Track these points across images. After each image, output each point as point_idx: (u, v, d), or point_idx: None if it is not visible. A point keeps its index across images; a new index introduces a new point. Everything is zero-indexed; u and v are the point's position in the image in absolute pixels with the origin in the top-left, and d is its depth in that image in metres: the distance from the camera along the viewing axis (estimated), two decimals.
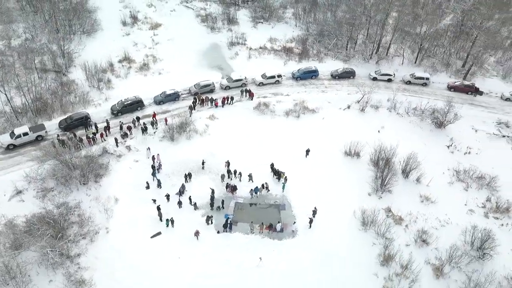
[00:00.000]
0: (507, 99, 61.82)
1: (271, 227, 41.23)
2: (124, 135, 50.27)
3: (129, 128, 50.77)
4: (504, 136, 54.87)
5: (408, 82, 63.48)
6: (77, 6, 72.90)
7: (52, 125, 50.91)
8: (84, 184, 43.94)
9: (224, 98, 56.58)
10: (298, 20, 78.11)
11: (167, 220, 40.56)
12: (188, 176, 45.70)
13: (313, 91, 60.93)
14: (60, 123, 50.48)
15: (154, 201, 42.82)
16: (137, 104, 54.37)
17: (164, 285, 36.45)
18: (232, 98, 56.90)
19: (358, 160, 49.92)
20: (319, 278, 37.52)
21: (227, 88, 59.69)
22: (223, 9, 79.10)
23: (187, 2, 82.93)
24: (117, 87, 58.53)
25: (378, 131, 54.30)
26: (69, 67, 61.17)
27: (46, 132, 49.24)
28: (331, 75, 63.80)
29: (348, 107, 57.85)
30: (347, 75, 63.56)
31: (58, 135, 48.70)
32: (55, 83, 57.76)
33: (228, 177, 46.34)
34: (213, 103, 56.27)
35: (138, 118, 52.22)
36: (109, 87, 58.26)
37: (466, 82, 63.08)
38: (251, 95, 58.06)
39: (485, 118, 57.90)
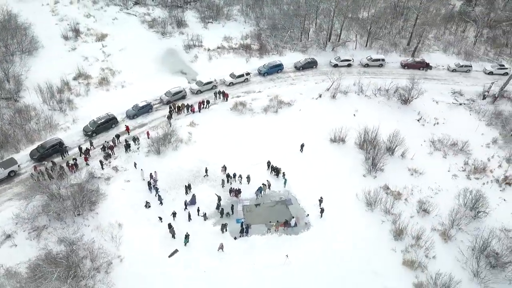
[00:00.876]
0: (454, 70, 67.69)
1: (286, 223, 41.52)
2: (107, 156, 47.16)
3: (111, 147, 47.76)
4: (461, 104, 60.20)
5: (366, 65, 66.86)
6: (7, 23, 66.23)
7: (21, 158, 46.24)
8: (79, 215, 40.66)
9: (200, 103, 55.32)
10: (246, 17, 78.16)
11: (185, 236, 39.02)
12: (188, 187, 44.26)
13: (282, 85, 61.74)
14: (32, 154, 45.98)
15: (161, 219, 41.04)
16: (111, 122, 51.22)
17: None
18: (208, 102, 55.79)
19: (344, 145, 51.81)
20: (342, 263, 38.61)
21: (198, 92, 58.34)
22: (168, 13, 76.66)
23: (127, 9, 79.00)
24: (81, 106, 54.47)
25: (354, 114, 56.76)
26: (19, 91, 55.59)
27: (18, 166, 44.63)
28: (295, 67, 65.05)
29: (320, 96, 59.54)
30: (310, 65, 65.23)
31: (35, 167, 44.32)
32: (9, 111, 52.27)
33: (228, 181, 45.67)
34: (190, 110, 54.81)
35: (118, 136, 49.25)
36: (72, 107, 53.98)
37: (417, 59, 68.02)
38: (225, 96, 57.36)
39: (441, 90, 62.95)
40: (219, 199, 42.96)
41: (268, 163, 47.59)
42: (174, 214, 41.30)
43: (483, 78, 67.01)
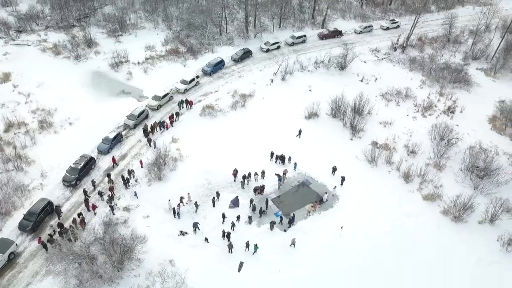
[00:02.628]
0: (360, 32, 76.56)
1: (321, 201, 43.78)
2: (110, 199, 42.22)
3: (111, 189, 42.82)
4: (382, 59, 69.08)
5: (292, 44, 71.13)
6: None
7: (9, 235, 38.47)
8: (120, 270, 36.27)
9: (170, 117, 52.64)
10: (154, 22, 74.65)
11: (247, 245, 38.31)
12: (217, 194, 43.16)
13: (232, 79, 62.09)
14: (22, 226, 38.53)
15: (207, 239, 39.35)
16: (90, 163, 45.55)
17: None
18: (178, 114, 53.35)
19: (319, 118, 55.51)
20: (381, 216, 42.86)
21: (158, 107, 55.09)
22: (66, 35, 68.75)
23: (13, 40, 68.13)
24: (38, 157, 46.87)
25: (310, 90, 60.81)
26: None
27: (16, 245, 37.15)
28: (234, 60, 65.70)
29: (272, 81, 61.83)
30: (246, 55, 66.58)
31: (40, 239, 37.43)
32: None
33: (246, 182, 45.45)
34: (164, 127, 51.78)
35: (109, 175, 44.27)
36: (27, 162, 46.07)
37: (331, 29, 74.85)
38: (190, 104, 55.49)
39: (361, 51, 70.76)
40: (252, 200, 42.83)
41: (272, 153, 48.62)
42: (228, 234, 39.62)
43: (383, 34, 77.47)
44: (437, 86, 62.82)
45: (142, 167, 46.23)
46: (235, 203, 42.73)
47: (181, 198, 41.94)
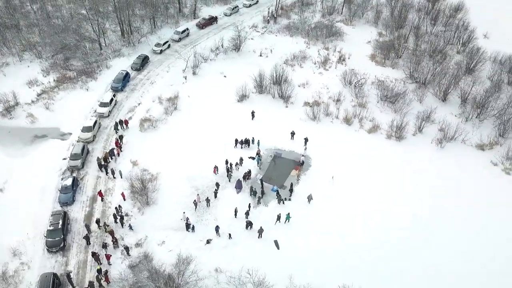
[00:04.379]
0: (230, 14, 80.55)
1: (302, 164, 48.16)
2: (115, 242, 38.50)
3: (111, 232, 38.87)
4: (263, 33, 74.74)
5: (179, 39, 71.07)
6: None
7: None
8: None
9: (117, 143, 48.87)
10: (17, 55, 64.41)
11: (287, 215, 41.19)
12: (215, 191, 43.62)
13: (147, 88, 59.88)
14: None
15: (230, 235, 40.12)
16: (65, 219, 39.92)
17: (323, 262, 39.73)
18: (121, 137, 49.71)
19: (249, 98, 58.73)
20: (352, 157, 49.81)
21: (93, 138, 50.32)
22: None
23: None
24: None
25: (224, 76, 63.19)
26: None
27: None
28: (135, 69, 62.76)
29: (186, 78, 61.86)
30: (145, 61, 64.22)
31: None
32: None
33: (231, 173, 46.49)
34: (115, 154, 47.88)
35: (97, 221, 40.01)
36: None
37: (207, 17, 76.79)
38: (126, 123, 52.08)
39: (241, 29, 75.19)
40: (252, 188, 44.56)
41: (236, 140, 50.28)
42: (249, 223, 41.09)
43: (249, 11, 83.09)
44: (319, 43, 72.19)
45: (124, 200, 42.79)
46: (239, 186, 44.22)
47: (195, 201, 41.54)
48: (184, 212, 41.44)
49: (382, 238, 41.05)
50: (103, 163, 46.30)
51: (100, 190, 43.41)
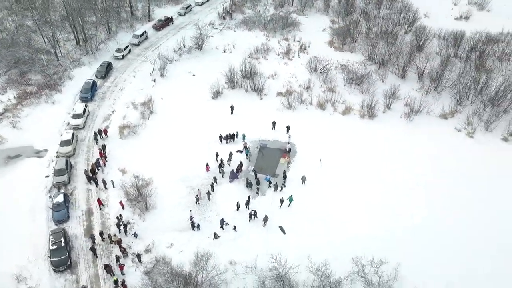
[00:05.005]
0: (185, 13, 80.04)
1: (288, 151, 49.83)
2: (125, 252, 37.83)
3: (119, 242, 38.18)
4: (221, 30, 75.23)
5: (139, 43, 69.70)
6: None
7: None
8: None
9: (101, 153, 47.56)
10: None
11: (290, 197, 43.18)
12: (211, 186, 44.22)
13: (117, 94, 58.48)
14: None
15: (235, 227, 41.09)
16: (65, 237, 38.50)
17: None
18: (104, 147, 48.38)
19: (223, 94, 59.37)
20: (332, 139, 52.28)
21: (74, 151, 48.63)
22: None
23: None
24: None
25: (193, 75, 63.14)
26: None
27: None
28: (100, 77, 60.83)
29: (155, 80, 61.12)
30: (109, 68, 62.40)
31: None
32: None
33: (223, 168, 47.10)
34: (101, 164, 46.63)
35: (101, 233, 39.13)
36: None
37: (163, 18, 75.69)
38: (105, 133, 50.77)
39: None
40: (247, 180, 45.53)
41: (220, 137, 50.82)
42: (253, 213, 42.15)
43: (202, 9, 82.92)
44: (278, 35, 74.08)
45: (123, 208, 42.03)
46: (233, 176, 45.31)
47: (197, 196, 42.53)
48: (190, 210, 41.72)
49: (375, 206, 43.94)
50: (91, 175, 44.95)
51: (99, 198, 42.33)
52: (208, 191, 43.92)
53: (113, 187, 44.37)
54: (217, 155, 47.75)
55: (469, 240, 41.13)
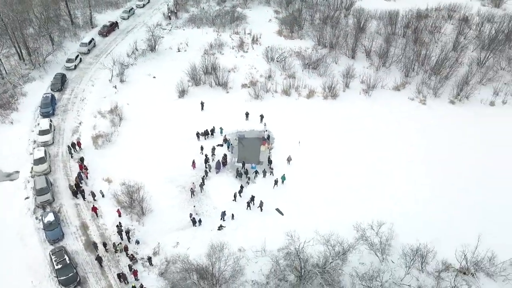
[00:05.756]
0: (128, 17, 78.14)
1: (268, 138, 51.73)
2: (133, 259, 37.47)
3: (125, 248, 37.88)
4: (170, 29, 74.83)
5: (88, 51, 67.25)
6: None
7: None
8: None
9: (81, 166, 46.09)
10: None
11: (282, 176, 45.91)
12: (202, 180, 44.56)
13: (79, 106, 56.49)
14: None
15: (232, 216, 42.35)
16: (67, 254, 37.22)
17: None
18: (82, 160, 46.88)
19: (189, 93, 59.58)
20: (304, 120, 55.01)
21: (50, 168, 46.45)
22: None
23: None
24: None
25: (154, 77, 62.54)
26: None
27: None
28: (57, 90, 58.06)
29: (116, 87, 59.70)
30: (64, 79, 59.74)
31: None
32: None
33: (208, 163, 47.84)
34: (83, 177, 45.18)
35: (105, 244, 38.37)
36: None
37: (107, 24, 73.28)
38: (79, 145, 49.06)
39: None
40: (237, 170, 46.93)
41: (197, 134, 51.40)
42: (252, 199, 43.68)
43: (145, 11, 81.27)
44: (227, 29, 75.20)
45: (120, 216, 41.33)
46: (218, 167, 46.79)
47: (191, 189, 43.71)
48: (194, 206, 42.29)
49: (360, 176, 47.58)
50: (76, 189, 43.47)
51: (94, 206, 41.43)
52: (201, 183, 44.84)
53: (103, 197, 43.34)
54: (202, 148, 48.51)
55: (444, 194, 46.01)
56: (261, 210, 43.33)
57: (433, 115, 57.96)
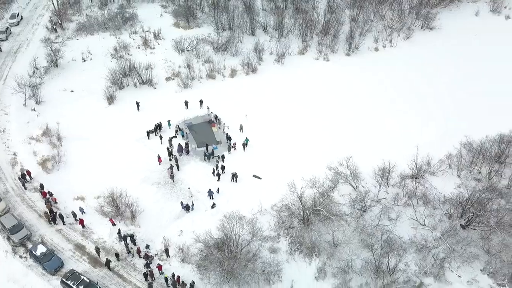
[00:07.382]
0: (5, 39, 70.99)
1: (216, 118, 54.69)
2: (147, 257, 37.82)
3: (138, 251, 37.86)
4: (63, 42, 70.50)
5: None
6: None
7: None
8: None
9: (44, 193, 43.07)
10: None
11: (246, 139, 50.78)
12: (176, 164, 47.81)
13: (6, 137, 51.48)
14: None
15: (218, 190, 45.26)
16: (79, 274, 35.81)
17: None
18: (42, 186, 43.76)
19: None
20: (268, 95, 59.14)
21: (8, 206, 42.14)
22: None
23: None
24: None
25: (71, 91, 59.52)
26: None
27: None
28: None
29: (34, 109, 55.25)
30: None
31: None
32: None
33: (173, 155, 49.13)
34: (52, 202, 42.47)
35: (117, 255, 37.96)
36: None
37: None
38: (29, 174, 45.60)
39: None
40: (204, 153, 49.35)
41: (147, 132, 51.94)
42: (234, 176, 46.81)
43: (22, 29, 74.49)
44: (124, 31, 73.65)
45: (114, 225, 40.54)
46: (180, 149, 49.27)
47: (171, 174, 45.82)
48: (189, 188, 43.79)
49: (308, 125, 54.15)
50: (50, 215, 40.90)
51: (81, 219, 40.18)
52: (176, 164, 47.79)
53: (83, 213, 41.64)
54: (169, 154, 49.53)
55: (380, 122, 55.38)
56: (236, 181, 46.66)
57: (336, 68, 67.34)
